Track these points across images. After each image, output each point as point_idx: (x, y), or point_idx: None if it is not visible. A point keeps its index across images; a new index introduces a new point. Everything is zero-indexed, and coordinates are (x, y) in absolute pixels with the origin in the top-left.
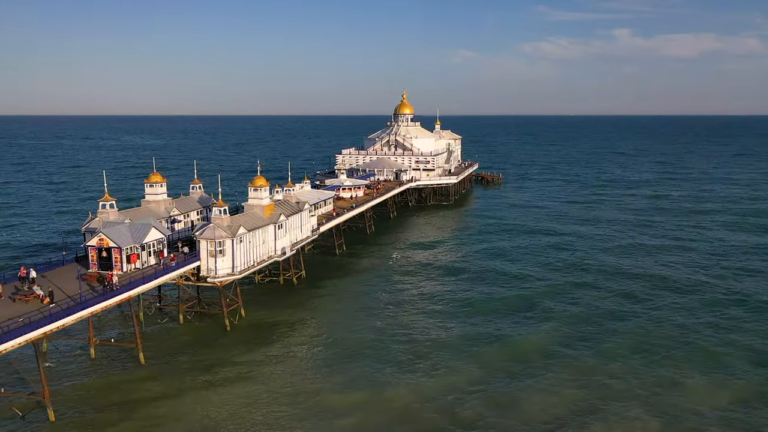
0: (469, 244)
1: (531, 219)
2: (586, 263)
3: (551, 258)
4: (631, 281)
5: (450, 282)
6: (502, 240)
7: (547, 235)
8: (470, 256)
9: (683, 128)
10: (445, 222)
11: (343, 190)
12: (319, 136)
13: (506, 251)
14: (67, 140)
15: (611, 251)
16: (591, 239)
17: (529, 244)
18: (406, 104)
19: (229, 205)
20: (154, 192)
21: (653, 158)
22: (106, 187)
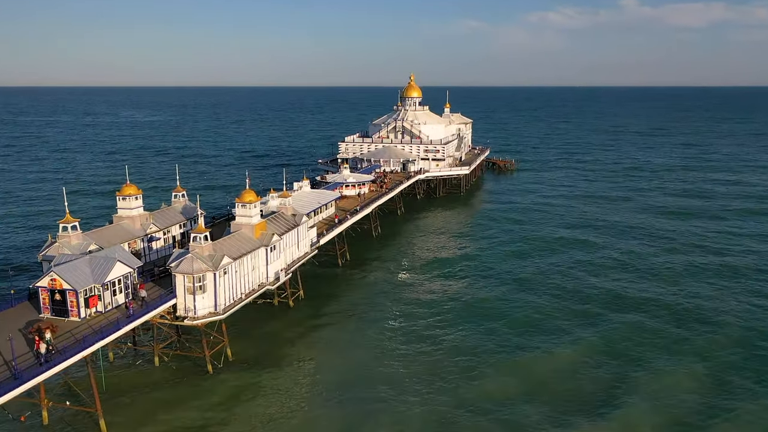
0: (487, 254)
1: (551, 220)
2: (620, 288)
3: (578, 279)
4: (679, 318)
5: (468, 302)
6: (522, 250)
7: (573, 245)
8: (489, 268)
9: (694, 100)
10: (457, 220)
11: (346, 188)
12: (322, 111)
13: (528, 266)
14: (65, 117)
15: (645, 277)
16: (618, 253)
17: (552, 258)
18: (413, 87)
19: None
20: (128, 206)
21: (673, 139)
22: (66, 206)
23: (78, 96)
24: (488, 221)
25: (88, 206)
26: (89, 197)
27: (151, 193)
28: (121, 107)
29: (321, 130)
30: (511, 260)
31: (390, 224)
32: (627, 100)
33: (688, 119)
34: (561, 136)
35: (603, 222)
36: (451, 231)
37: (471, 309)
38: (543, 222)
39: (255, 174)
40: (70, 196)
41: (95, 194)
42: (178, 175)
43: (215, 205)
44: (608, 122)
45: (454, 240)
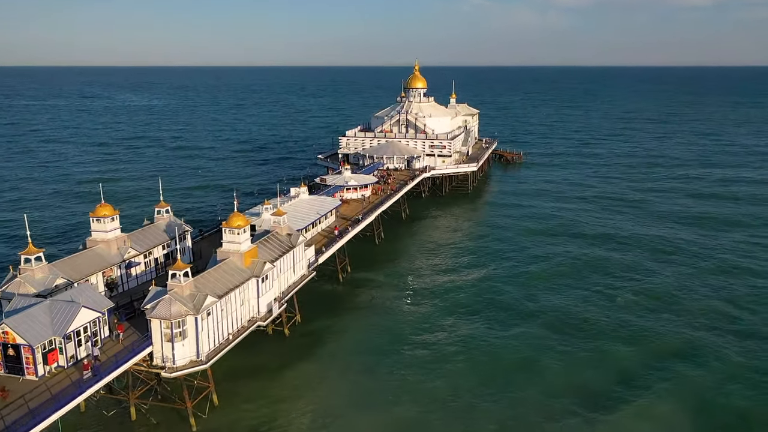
0: (499, 260)
1: (567, 230)
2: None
3: (599, 311)
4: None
5: (483, 321)
6: (535, 254)
7: (592, 264)
8: (502, 278)
9: (701, 82)
10: (465, 226)
11: (347, 191)
12: (323, 94)
13: (543, 273)
14: (60, 101)
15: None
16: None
17: (571, 281)
18: (418, 77)
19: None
20: (102, 229)
21: (686, 126)
22: (29, 235)
23: (77, 77)
24: (499, 230)
25: (70, 212)
26: (71, 202)
27: (144, 194)
28: (119, 90)
29: (322, 116)
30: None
31: (394, 228)
32: (634, 82)
33: (700, 104)
34: (570, 124)
35: (623, 233)
36: (459, 239)
37: (482, 339)
38: (559, 235)
39: (250, 171)
40: (52, 199)
41: (76, 198)
42: (162, 188)
43: (207, 210)
44: (618, 107)
45: (462, 251)
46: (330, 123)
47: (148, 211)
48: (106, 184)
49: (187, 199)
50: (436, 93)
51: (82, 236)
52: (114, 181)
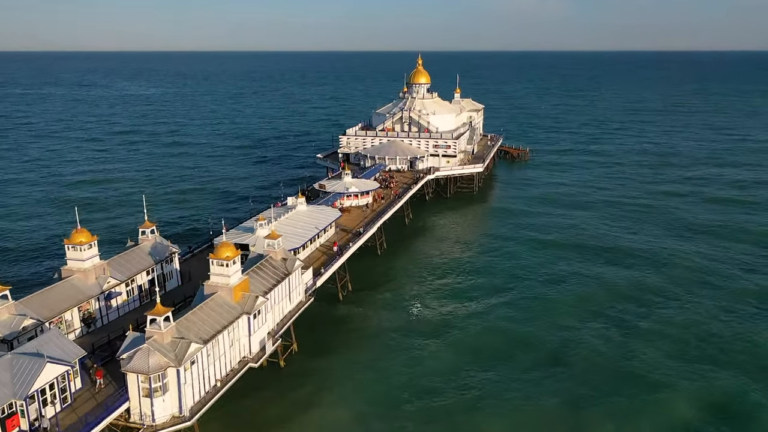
0: (512, 282)
1: (576, 233)
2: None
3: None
4: None
5: (499, 364)
6: (550, 274)
7: (610, 283)
8: (517, 306)
9: (704, 69)
10: (472, 231)
11: (347, 198)
12: (323, 82)
13: (563, 299)
14: (57, 89)
15: None
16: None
17: (584, 286)
18: (421, 72)
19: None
20: (78, 257)
21: (695, 118)
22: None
23: (78, 63)
24: (509, 243)
25: (50, 226)
26: (53, 213)
27: (133, 202)
28: (118, 78)
29: (322, 107)
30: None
31: (397, 235)
32: (635, 68)
33: (705, 92)
34: (577, 116)
35: (641, 247)
36: (466, 254)
37: (496, 365)
38: (573, 248)
39: (247, 170)
40: (34, 207)
41: (60, 209)
42: (145, 206)
43: (201, 218)
44: (623, 96)
45: (471, 269)
46: (330, 115)
47: (136, 220)
48: (93, 189)
49: (179, 204)
50: (435, 79)
51: (61, 257)
52: (103, 184)
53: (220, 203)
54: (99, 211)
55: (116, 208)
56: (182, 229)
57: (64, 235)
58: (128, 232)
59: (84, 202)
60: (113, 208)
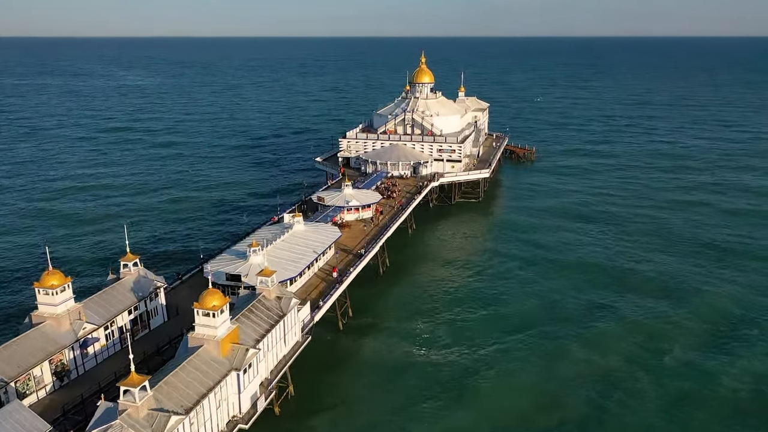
0: (521, 303)
1: (590, 253)
2: None
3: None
4: None
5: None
6: (567, 307)
7: (628, 307)
8: (534, 346)
9: (708, 57)
10: (480, 248)
11: (348, 211)
12: (323, 72)
13: (582, 338)
14: (53, 79)
15: None
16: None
17: (604, 323)
18: (424, 71)
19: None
20: (50, 302)
21: (705, 113)
22: None
23: (76, 50)
24: (521, 264)
25: (29, 248)
26: (33, 230)
27: (124, 206)
28: (115, 67)
29: (323, 100)
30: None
31: (400, 250)
32: (636, 55)
33: (713, 84)
34: (582, 110)
35: (662, 271)
36: (476, 272)
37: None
38: (589, 274)
39: (243, 176)
40: (15, 221)
41: (42, 227)
42: (127, 236)
43: (192, 234)
44: (630, 88)
45: (481, 289)
46: (330, 108)
47: (121, 238)
48: (80, 198)
49: (171, 216)
50: (436, 67)
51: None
52: (91, 191)
53: (214, 215)
54: (85, 224)
55: (103, 221)
56: (172, 248)
57: (41, 268)
58: (114, 252)
59: (68, 216)
60: (100, 221)
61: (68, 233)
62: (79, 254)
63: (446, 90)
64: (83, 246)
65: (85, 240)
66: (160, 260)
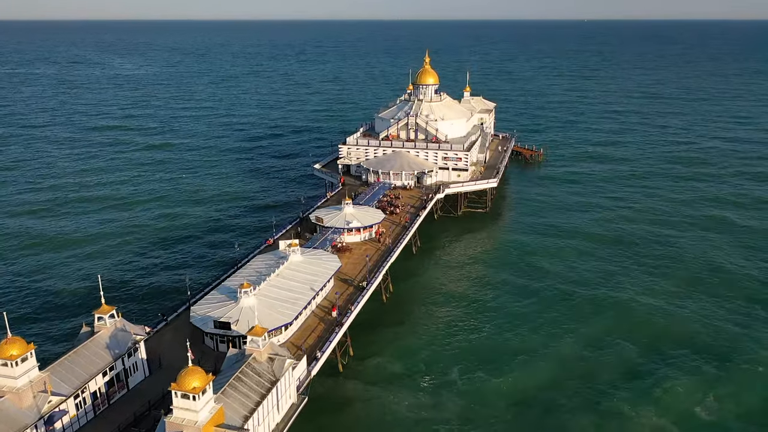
0: (540, 345)
1: (603, 275)
2: None
3: None
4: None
5: None
6: (587, 341)
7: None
8: (555, 382)
9: (714, 39)
10: (489, 267)
11: (348, 233)
12: (323, 60)
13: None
14: (48, 68)
15: None
16: None
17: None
18: (428, 71)
19: None
20: (10, 375)
21: (718, 107)
22: None
23: (74, 34)
24: (533, 295)
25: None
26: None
27: (107, 226)
28: (112, 53)
29: (323, 92)
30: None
31: (405, 273)
32: (638, 40)
33: (723, 74)
34: (591, 104)
35: (683, 305)
36: (487, 302)
37: None
38: (605, 312)
39: (236, 187)
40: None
41: (22, 242)
42: (102, 290)
43: (178, 264)
44: (638, 78)
45: (494, 324)
46: (331, 102)
47: (100, 265)
48: (61, 215)
49: (156, 237)
50: (434, 55)
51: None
52: (74, 205)
53: (205, 235)
54: (61, 248)
55: (81, 246)
56: (157, 279)
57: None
58: (92, 294)
59: (40, 245)
60: (77, 248)
61: (36, 269)
62: (47, 300)
63: (449, 82)
64: (54, 287)
65: (55, 280)
66: (143, 293)
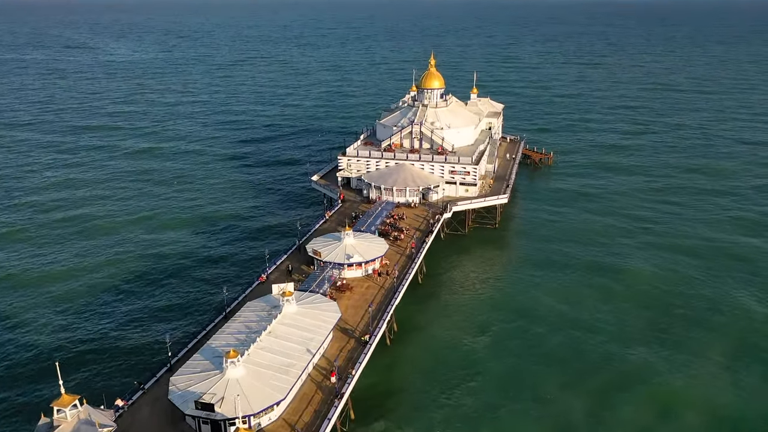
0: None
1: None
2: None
3: None
4: None
5: None
6: None
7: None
8: None
9: (720, 19)
10: (499, 292)
11: (348, 268)
12: (323, 43)
13: None
14: (39, 53)
15: None
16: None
17: None
18: (433, 74)
19: None
20: None
21: (735, 100)
22: None
23: (70, 14)
24: (558, 322)
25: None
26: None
27: (83, 245)
28: (106, 36)
29: (323, 81)
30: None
31: (411, 309)
32: (646, 22)
33: (733, 60)
34: (600, 97)
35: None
36: (503, 345)
37: None
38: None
39: (227, 206)
40: None
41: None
42: (61, 380)
43: (158, 308)
44: (646, 66)
45: (514, 380)
46: (332, 95)
47: (64, 293)
48: (31, 243)
49: (134, 276)
50: (436, 42)
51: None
52: (43, 233)
53: (189, 271)
54: (21, 288)
55: (49, 283)
56: (132, 332)
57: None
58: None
59: (4, 277)
60: (44, 284)
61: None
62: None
63: (452, 72)
64: (7, 348)
65: (10, 335)
66: (118, 350)
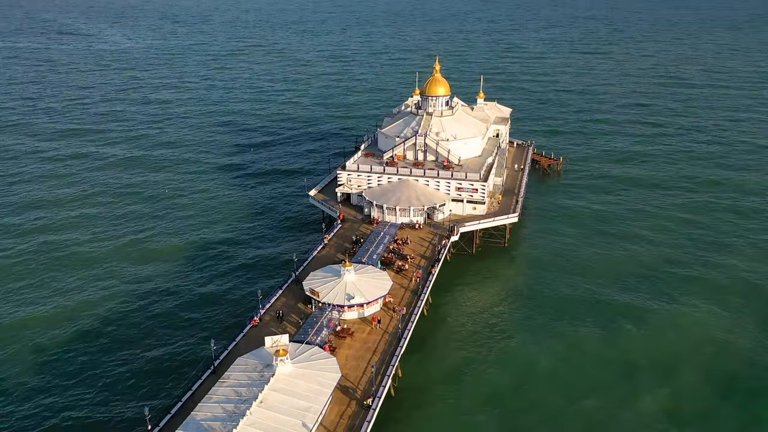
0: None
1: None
2: None
3: None
4: None
5: None
6: None
7: None
8: None
9: (728, 9)
10: (512, 323)
11: (349, 309)
12: (322, 31)
13: None
14: (35, 40)
15: None
16: None
17: None
18: (438, 81)
19: None
20: None
21: (753, 100)
22: None
23: None
24: (586, 365)
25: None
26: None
27: (55, 284)
28: (100, 21)
29: (323, 74)
30: None
31: (416, 350)
32: (651, 3)
33: (743, 48)
34: (609, 93)
35: None
36: (511, 365)
37: None
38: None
39: (219, 232)
40: None
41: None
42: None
43: (136, 365)
44: (655, 57)
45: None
46: (332, 87)
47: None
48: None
49: (110, 325)
50: (436, 31)
51: None
52: (20, 257)
53: (174, 321)
54: None
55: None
56: (107, 409)
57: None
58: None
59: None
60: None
61: None
62: None
63: (454, 64)
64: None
65: None
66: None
